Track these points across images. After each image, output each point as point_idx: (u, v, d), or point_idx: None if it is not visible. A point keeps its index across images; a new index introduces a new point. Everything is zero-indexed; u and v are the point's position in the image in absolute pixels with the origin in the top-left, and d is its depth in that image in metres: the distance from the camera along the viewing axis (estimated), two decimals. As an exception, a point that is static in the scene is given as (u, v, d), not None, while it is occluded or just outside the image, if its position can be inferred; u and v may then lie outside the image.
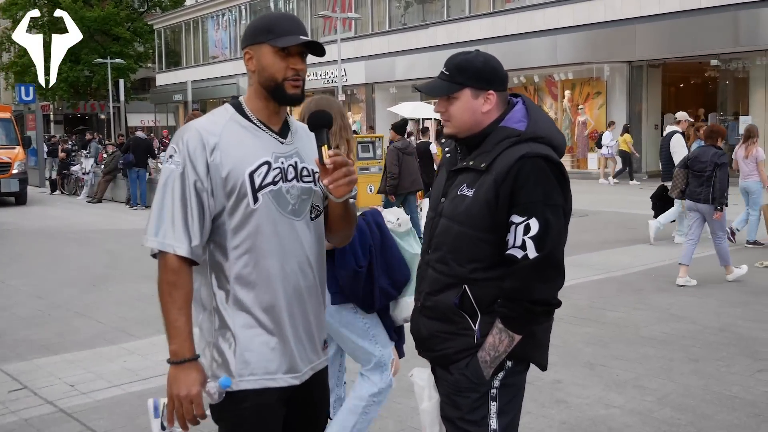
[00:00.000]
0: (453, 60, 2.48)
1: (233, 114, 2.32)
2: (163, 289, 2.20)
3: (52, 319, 7.25)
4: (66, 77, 45.51)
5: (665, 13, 20.51)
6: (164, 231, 2.19)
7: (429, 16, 29.07)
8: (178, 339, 2.20)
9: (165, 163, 2.27)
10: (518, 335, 2.38)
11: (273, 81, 2.28)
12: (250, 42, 2.32)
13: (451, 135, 2.52)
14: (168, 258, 2.19)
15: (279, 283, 2.28)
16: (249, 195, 2.23)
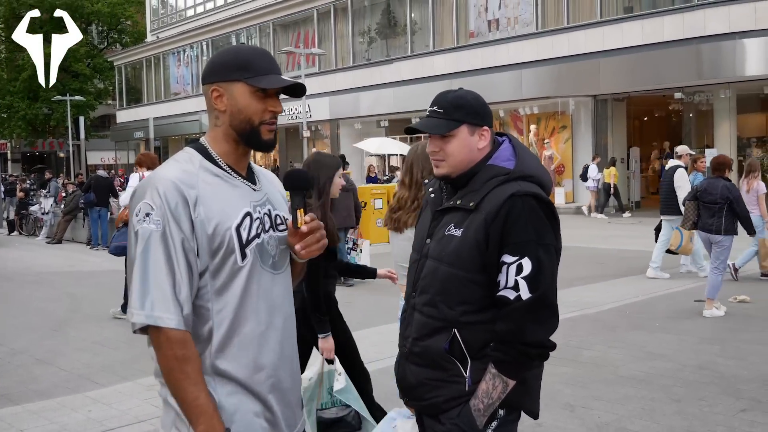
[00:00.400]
0: (444, 97, 2.42)
1: (201, 160, 2.08)
2: (173, 366, 1.93)
3: (12, 367, 7.03)
4: (24, 115, 44.94)
5: (628, 47, 20.66)
6: (151, 302, 1.91)
7: (393, 52, 29.09)
8: (205, 417, 1.94)
9: (140, 222, 1.95)
10: (512, 381, 2.30)
11: (249, 124, 2.08)
12: (219, 78, 2.08)
13: (445, 175, 2.44)
14: (167, 331, 1.92)
15: (265, 344, 2.08)
16: (237, 251, 2.02)
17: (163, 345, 1.93)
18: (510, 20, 24.39)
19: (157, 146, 40.62)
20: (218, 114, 2.10)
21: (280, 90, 2.12)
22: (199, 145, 2.13)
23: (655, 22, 20.34)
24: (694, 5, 19.62)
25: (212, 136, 2.13)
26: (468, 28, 25.83)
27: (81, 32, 48.11)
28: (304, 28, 32.72)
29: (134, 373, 6.64)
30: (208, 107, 2.13)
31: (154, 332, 1.93)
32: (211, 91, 2.09)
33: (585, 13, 22.40)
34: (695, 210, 8.63)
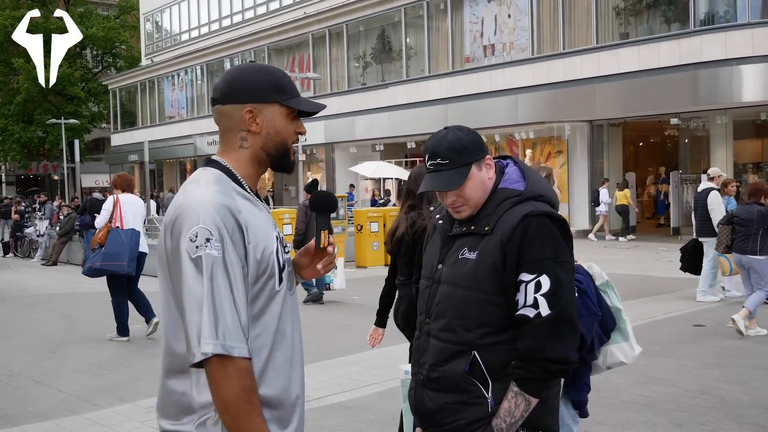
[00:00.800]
0: (442, 145, 2.39)
1: (231, 184, 2.00)
2: (241, 397, 1.85)
3: (10, 389, 6.99)
4: (18, 138, 44.86)
5: (624, 73, 20.73)
6: (223, 332, 1.83)
7: (388, 76, 29.18)
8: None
9: (202, 248, 1.85)
10: (535, 398, 2.29)
11: (284, 146, 2.07)
12: (254, 99, 2.02)
13: (468, 217, 2.42)
14: (237, 361, 1.84)
15: (293, 367, 2.06)
16: (276, 276, 1.98)
17: (232, 376, 1.84)
18: (506, 45, 24.51)
19: (152, 169, 40.62)
20: (246, 135, 2.04)
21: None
22: (224, 167, 2.04)
23: (651, 47, 20.43)
24: (690, 31, 19.72)
25: (236, 157, 2.05)
26: (463, 53, 25.94)
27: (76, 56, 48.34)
28: (299, 53, 32.82)
29: (133, 395, 6.60)
30: (231, 127, 2.05)
31: (220, 363, 1.83)
32: (244, 111, 2.02)
33: (581, 39, 22.51)
34: (729, 234, 8.83)
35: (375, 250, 16.40)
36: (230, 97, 2.03)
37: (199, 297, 1.83)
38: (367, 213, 16.93)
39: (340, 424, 5.58)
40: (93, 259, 8.80)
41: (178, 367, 1.96)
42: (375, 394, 6.30)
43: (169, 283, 1.95)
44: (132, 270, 8.81)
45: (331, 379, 6.82)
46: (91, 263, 8.81)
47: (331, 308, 10.94)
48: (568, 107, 22.19)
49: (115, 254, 8.62)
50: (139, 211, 9.18)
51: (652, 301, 10.82)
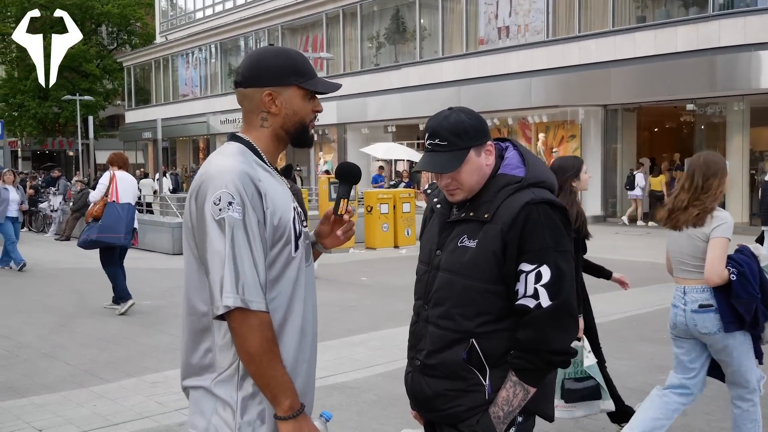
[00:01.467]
0: (443, 126, 2.36)
1: (252, 156, 2.17)
2: (264, 347, 2.03)
3: (19, 361, 7.10)
4: (34, 113, 45.08)
5: (640, 57, 20.51)
6: (243, 287, 2.01)
7: (401, 57, 29.04)
8: (290, 392, 2.07)
9: (224, 211, 2.02)
10: (533, 388, 2.30)
11: (302, 125, 2.23)
12: (274, 83, 2.18)
13: (462, 200, 2.41)
14: (259, 315, 2.02)
15: (308, 332, 2.22)
16: (292, 242, 2.14)
17: (255, 328, 2.01)
18: (520, 28, 24.31)
19: (165, 147, 40.69)
20: (266, 116, 2.20)
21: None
22: (246, 141, 2.20)
23: (668, 32, 20.20)
24: (708, 16, 19.47)
25: (257, 135, 2.21)
26: (478, 34, 25.76)
27: (91, 33, 48.43)
28: (312, 32, 32.70)
29: (139, 369, 6.65)
30: (252, 109, 2.21)
31: (242, 316, 2.00)
32: (264, 94, 2.17)
33: (597, 22, 22.28)
34: None
35: (384, 231, 16.37)
36: (251, 80, 2.19)
37: (222, 255, 2.00)
38: (377, 194, 16.88)
39: (342, 404, 5.58)
40: (89, 232, 9.11)
41: (201, 326, 2.14)
42: (378, 375, 6.29)
43: (193, 246, 2.12)
44: (128, 242, 9.25)
45: (335, 360, 6.81)
46: (87, 235, 9.11)
47: (339, 289, 10.94)
48: (583, 91, 22.00)
49: (111, 227, 8.97)
50: (132, 188, 9.49)
51: (662, 288, 10.68)
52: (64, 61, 44.27)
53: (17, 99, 45.38)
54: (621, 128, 22.76)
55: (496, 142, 2.48)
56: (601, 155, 22.62)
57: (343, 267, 13.33)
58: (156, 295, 10.70)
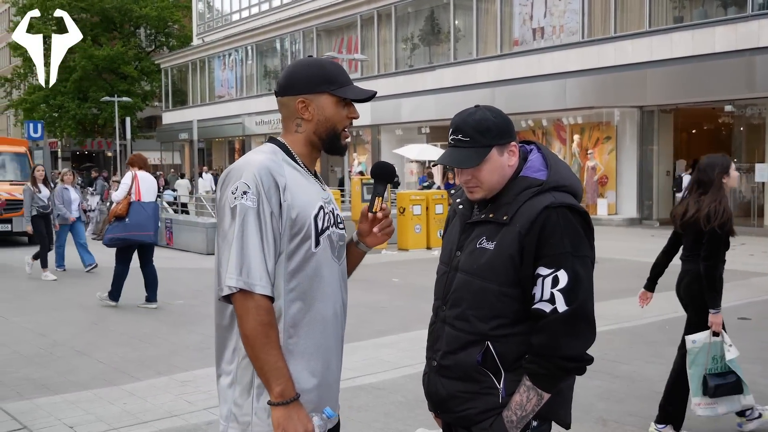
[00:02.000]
0: (467, 123, 2.36)
1: (284, 156, 2.30)
2: (259, 330, 2.12)
3: (53, 358, 7.23)
4: (74, 114, 45.82)
5: (677, 58, 20.24)
6: (247, 270, 2.12)
7: (436, 59, 29.00)
8: (283, 379, 2.14)
9: (238, 199, 2.16)
10: (547, 393, 2.27)
11: (333, 131, 2.33)
12: (306, 91, 2.30)
13: (481, 199, 2.40)
14: (257, 298, 2.12)
15: (328, 326, 2.29)
16: (312, 238, 2.23)
17: (251, 310, 2.11)
18: (555, 29, 24.14)
19: (201, 148, 41.07)
20: (301, 122, 2.32)
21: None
22: (280, 143, 2.34)
23: (705, 32, 19.92)
24: (747, 16, 19.16)
25: (292, 139, 2.34)
26: (512, 36, 25.63)
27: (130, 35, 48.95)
28: (347, 34, 32.80)
29: (169, 368, 6.72)
30: (288, 116, 2.34)
31: (242, 298, 2.11)
32: (297, 102, 2.30)
33: (633, 23, 22.04)
34: None
35: (417, 233, 16.37)
36: (286, 89, 2.33)
37: (230, 239, 2.14)
38: (410, 196, 16.87)
39: (369, 404, 5.60)
40: (114, 230, 9.35)
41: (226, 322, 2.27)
42: (406, 376, 6.30)
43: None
44: (156, 239, 9.62)
45: (364, 360, 6.84)
46: (113, 234, 9.35)
47: (370, 290, 10.96)
48: (618, 92, 21.78)
49: (140, 225, 9.28)
50: (153, 187, 9.76)
51: (697, 291, 10.58)
52: (104, 64, 45.22)
53: (57, 100, 46.16)
54: (657, 130, 22.47)
55: (521, 144, 2.46)
56: (637, 157, 22.36)
57: (375, 268, 13.34)
58: (188, 295, 10.80)
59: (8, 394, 5.99)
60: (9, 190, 17.92)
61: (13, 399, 5.86)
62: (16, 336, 8.16)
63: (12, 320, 9.00)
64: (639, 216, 22.25)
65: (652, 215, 22.33)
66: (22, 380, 6.41)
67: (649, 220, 22.05)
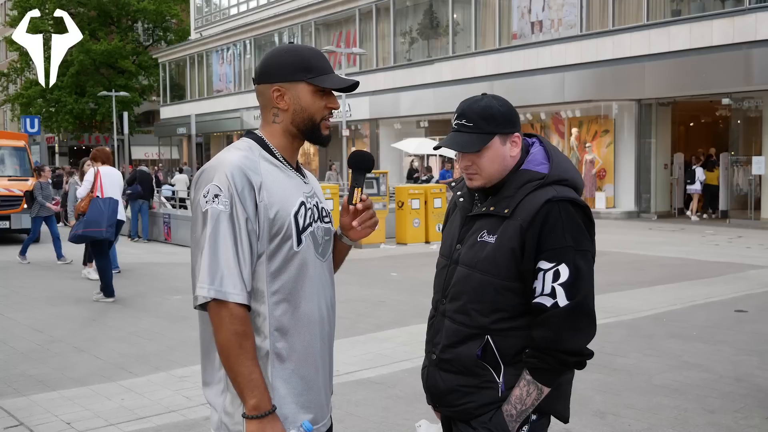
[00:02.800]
0: (472, 109, 2.35)
1: (260, 150, 2.20)
2: (231, 340, 2.02)
3: (51, 354, 7.18)
4: (71, 109, 45.76)
5: (675, 51, 20.29)
6: (220, 278, 2.02)
7: (434, 52, 28.99)
8: (257, 391, 2.04)
9: (209, 203, 2.06)
10: (547, 388, 2.27)
11: (311, 121, 2.22)
12: (282, 79, 2.20)
13: (480, 187, 2.40)
14: (231, 307, 2.02)
15: (315, 327, 2.21)
16: (293, 237, 2.13)
17: (225, 320, 2.02)
18: (554, 22, 24.14)
19: (199, 142, 41.06)
20: (277, 112, 2.21)
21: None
22: (257, 136, 2.23)
23: (703, 25, 19.94)
24: (745, 9, 19.17)
25: (269, 131, 2.24)
26: (511, 29, 25.62)
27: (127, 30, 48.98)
28: (345, 28, 32.78)
29: (168, 364, 6.73)
30: (265, 105, 2.24)
31: (216, 307, 2.02)
32: (272, 90, 2.19)
33: (631, 16, 22.04)
34: None
35: (416, 227, 16.39)
36: (263, 77, 2.23)
37: (202, 245, 2.04)
38: (408, 190, 16.89)
39: (368, 399, 5.62)
40: (76, 227, 9.60)
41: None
42: (404, 370, 6.32)
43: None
44: (111, 235, 9.69)
45: (363, 355, 6.86)
46: (75, 231, 9.61)
47: (369, 284, 10.99)
48: (616, 86, 21.81)
49: (94, 221, 9.42)
50: (116, 181, 9.97)
51: (693, 285, 10.63)
52: (101, 58, 45.17)
53: (54, 95, 46.12)
54: (655, 123, 22.49)
55: (524, 137, 2.46)
56: (635, 150, 22.39)
57: (373, 262, 13.37)
58: (186, 290, 10.78)
59: (5, 390, 5.95)
60: (7, 186, 17.40)
61: (10, 395, 5.83)
62: (12, 332, 8.14)
63: (9, 316, 8.99)
64: (637, 209, 22.29)
65: (650, 208, 22.37)
66: (18, 376, 6.37)
67: (647, 213, 22.08)
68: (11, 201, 17.08)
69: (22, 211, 16.91)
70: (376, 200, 15.75)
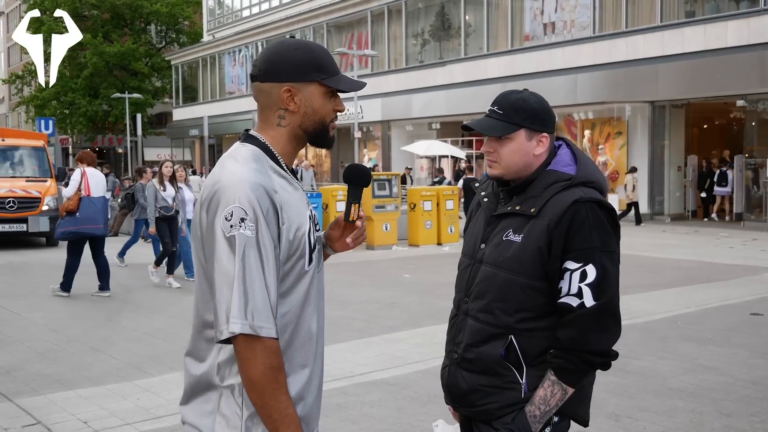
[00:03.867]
0: (507, 99, 2.37)
1: (269, 161, 2.01)
2: (268, 375, 1.88)
3: (67, 354, 7.24)
4: (85, 111, 46.02)
5: (689, 53, 20.18)
6: (252, 311, 1.85)
7: (446, 54, 28.96)
8: (293, 426, 1.92)
9: (236, 228, 1.86)
10: (572, 388, 2.26)
11: (321, 124, 2.06)
12: (293, 79, 2.01)
13: (497, 176, 2.41)
14: (266, 341, 1.87)
15: (314, 344, 2.08)
16: (306, 256, 2.00)
17: (259, 354, 1.87)
18: (566, 23, 24.07)
19: (212, 144, 41.18)
20: (284, 113, 2.04)
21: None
22: (262, 143, 2.05)
23: (718, 26, 19.83)
24: (760, 10, 19.04)
25: (273, 135, 2.06)
26: (523, 31, 25.57)
27: (141, 32, 49.13)
28: (357, 30, 32.81)
29: (181, 363, 6.67)
30: (269, 105, 2.05)
31: (248, 341, 1.86)
32: (282, 90, 2.01)
33: (644, 18, 21.94)
34: None
35: (428, 228, 16.37)
36: (269, 74, 2.03)
37: (231, 276, 1.85)
38: (420, 192, 16.88)
39: (382, 400, 5.61)
40: (66, 224, 9.92)
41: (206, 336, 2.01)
42: (418, 372, 6.31)
43: (201, 256, 1.98)
44: (106, 232, 10.26)
45: (376, 356, 6.85)
46: (65, 228, 9.93)
47: (382, 285, 10.98)
48: (630, 87, 21.71)
49: (91, 218, 9.88)
50: (102, 183, 10.41)
51: (709, 287, 10.58)
52: (114, 60, 45.36)
53: (68, 97, 46.39)
54: (669, 125, 22.39)
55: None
56: (648, 152, 22.29)
57: (385, 264, 13.36)
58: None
59: (22, 389, 6.02)
60: (24, 187, 16.71)
61: (28, 394, 5.87)
62: (29, 332, 8.19)
63: (25, 316, 9.04)
64: (650, 211, 22.18)
65: (664, 211, 22.27)
66: (36, 376, 6.43)
67: (660, 216, 21.98)
68: (29, 203, 16.47)
69: (39, 213, 16.40)
70: (387, 201, 15.76)
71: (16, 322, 8.75)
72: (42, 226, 16.29)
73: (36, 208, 16.44)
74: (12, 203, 16.18)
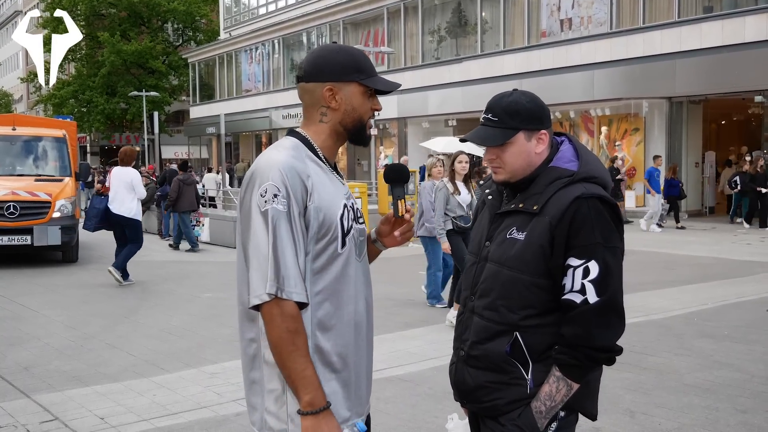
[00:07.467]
0: (498, 104, 2.39)
1: (306, 151, 2.22)
2: (285, 338, 2.06)
3: (84, 350, 7.31)
4: (102, 109, 46.28)
5: (707, 48, 20.02)
6: (282, 277, 2.05)
7: (463, 51, 28.91)
8: (311, 387, 2.08)
9: (269, 203, 2.08)
10: (577, 384, 2.28)
11: (360, 122, 2.27)
12: (335, 78, 2.23)
13: (504, 182, 2.43)
14: (286, 304, 2.06)
15: (353, 327, 2.23)
16: (339, 240, 2.17)
17: (278, 317, 2.04)
18: (583, 19, 23.96)
19: (228, 142, 41.30)
20: (326, 111, 2.24)
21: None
22: (302, 136, 2.25)
23: (736, 22, 19.67)
24: (778, 4, 18.91)
25: (315, 130, 2.26)
26: (540, 27, 25.48)
27: (158, 30, 49.36)
28: (374, 27, 32.81)
29: (198, 360, 6.80)
30: (312, 103, 2.26)
31: (274, 305, 2.04)
32: (325, 89, 2.22)
33: (662, 13, 21.81)
34: None
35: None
36: (313, 75, 2.24)
37: (264, 246, 2.06)
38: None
39: (396, 396, 5.64)
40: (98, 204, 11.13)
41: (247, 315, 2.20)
42: (433, 368, 6.33)
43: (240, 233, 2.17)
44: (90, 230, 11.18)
45: (391, 353, 6.88)
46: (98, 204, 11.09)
47: (398, 282, 11.00)
48: (647, 83, 21.57)
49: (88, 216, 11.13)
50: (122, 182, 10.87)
51: (725, 284, 10.52)
52: (132, 58, 45.58)
53: (86, 95, 46.67)
54: (686, 121, 22.24)
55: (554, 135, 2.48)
56: (665, 149, 22.14)
57: (401, 261, 13.38)
58: (217, 288, 10.91)
59: (40, 386, 6.07)
60: (31, 189, 13.08)
61: (45, 391, 5.92)
62: (47, 329, 8.27)
63: (43, 313, 9.13)
64: (667, 208, 22.03)
65: (682, 207, 22.11)
66: (53, 372, 6.48)
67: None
68: (35, 208, 12.82)
69: (49, 221, 12.76)
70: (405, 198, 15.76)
71: (34, 319, 8.84)
72: (51, 239, 12.71)
73: (44, 215, 12.76)
74: (13, 209, 12.55)
